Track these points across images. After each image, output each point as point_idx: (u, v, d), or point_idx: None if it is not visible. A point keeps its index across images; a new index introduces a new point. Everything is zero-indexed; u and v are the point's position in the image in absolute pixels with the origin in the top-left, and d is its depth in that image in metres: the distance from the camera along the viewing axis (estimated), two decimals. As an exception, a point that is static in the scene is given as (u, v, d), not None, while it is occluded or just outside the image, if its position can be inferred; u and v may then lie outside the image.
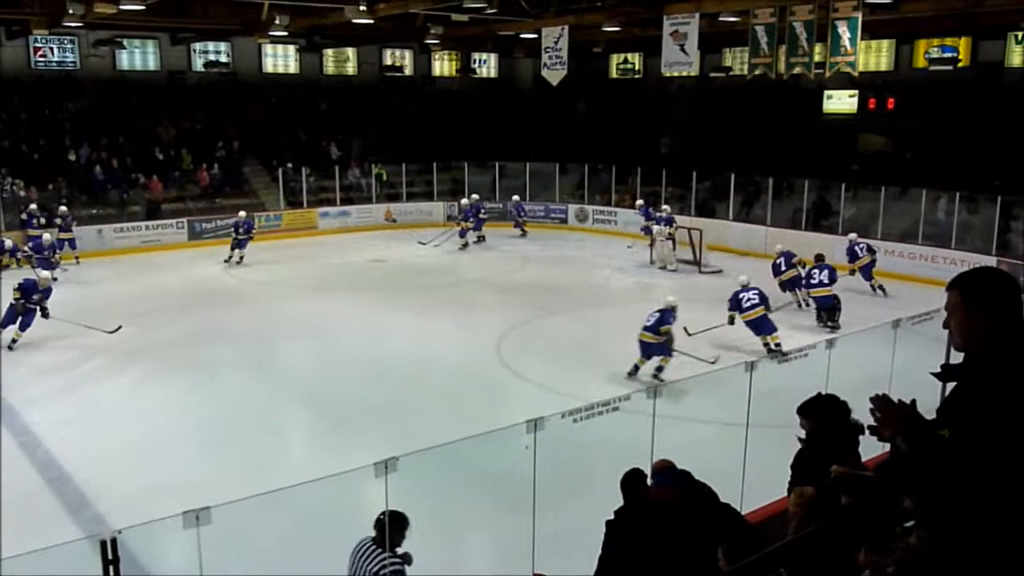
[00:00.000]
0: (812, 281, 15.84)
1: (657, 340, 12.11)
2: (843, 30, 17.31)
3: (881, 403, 2.53)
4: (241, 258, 21.12)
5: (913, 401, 2.58)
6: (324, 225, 26.45)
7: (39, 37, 24.80)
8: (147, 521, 5.34)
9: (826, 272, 15.64)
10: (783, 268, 17.10)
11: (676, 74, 23.07)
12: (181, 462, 9.78)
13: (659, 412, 7.13)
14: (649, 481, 5.63)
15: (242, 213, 21.95)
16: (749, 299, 13.82)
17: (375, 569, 5.22)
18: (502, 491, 7.80)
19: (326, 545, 7.31)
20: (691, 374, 9.39)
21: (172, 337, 14.37)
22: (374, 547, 5.36)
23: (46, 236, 19.22)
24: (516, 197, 26.53)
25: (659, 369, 12.20)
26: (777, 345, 13.53)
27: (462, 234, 23.67)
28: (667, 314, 12.27)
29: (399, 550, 5.46)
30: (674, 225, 21.29)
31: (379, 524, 5.42)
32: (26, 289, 13.63)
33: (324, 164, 27.97)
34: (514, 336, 14.96)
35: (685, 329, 13.43)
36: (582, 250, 24.13)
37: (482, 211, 24.61)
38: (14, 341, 13.64)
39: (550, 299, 17.81)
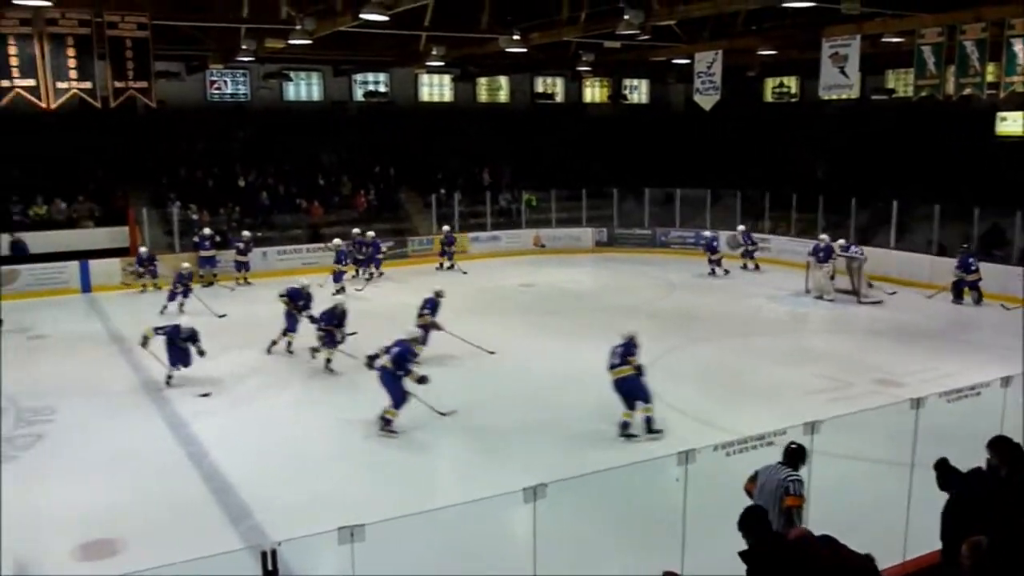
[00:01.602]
0: (971, 268, 19.19)
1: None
2: (1019, 48, 16.29)
3: None
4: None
5: None
6: (475, 249, 26.94)
7: (215, 71, 26.57)
8: (305, 535, 5.51)
9: (974, 258, 19.38)
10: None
11: (835, 97, 22.29)
12: (337, 478, 10.11)
13: (817, 448, 6.86)
14: None
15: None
16: None
17: (782, 477, 6.49)
18: (651, 523, 7.67)
19: (475, 567, 7.37)
20: (852, 409, 8.99)
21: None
22: (781, 466, 6.61)
23: (303, 281, 16.42)
24: (742, 227, 24.88)
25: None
26: None
27: (336, 277, 21.30)
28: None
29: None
30: (834, 254, 20.52)
31: (787, 451, 6.65)
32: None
33: (476, 190, 28.56)
34: (662, 364, 14.71)
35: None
36: (733, 278, 23.60)
37: (363, 249, 23.13)
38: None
39: (699, 327, 17.50)
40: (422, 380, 11.36)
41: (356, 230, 23.56)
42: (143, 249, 21.68)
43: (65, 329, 17.88)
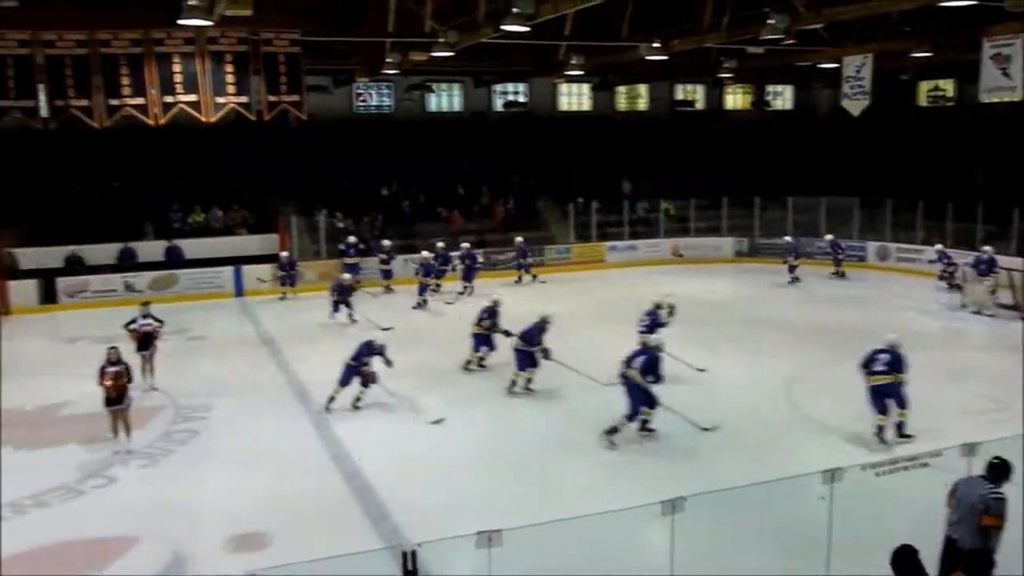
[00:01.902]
0: None
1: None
2: None
3: None
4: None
5: None
6: (612, 259, 26.85)
7: (361, 84, 27.51)
8: (443, 537, 5.58)
9: None
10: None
11: (996, 100, 21.01)
12: (474, 483, 10.20)
13: (976, 472, 6.47)
14: None
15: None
16: None
17: (983, 493, 6.19)
18: (793, 541, 7.40)
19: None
20: (1014, 432, 8.41)
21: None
22: (983, 480, 6.31)
23: (495, 298, 16.39)
24: (830, 236, 24.80)
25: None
26: None
27: (421, 291, 21.27)
28: None
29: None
30: (996, 268, 19.35)
31: (989, 466, 6.38)
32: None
33: (613, 199, 28.43)
34: (806, 378, 14.28)
35: None
36: (882, 290, 22.61)
37: (453, 261, 22.97)
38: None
39: (845, 341, 16.74)
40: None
41: (440, 243, 23.58)
42: (284, 254, 22.54)
43: (220, 331, 18.84)
